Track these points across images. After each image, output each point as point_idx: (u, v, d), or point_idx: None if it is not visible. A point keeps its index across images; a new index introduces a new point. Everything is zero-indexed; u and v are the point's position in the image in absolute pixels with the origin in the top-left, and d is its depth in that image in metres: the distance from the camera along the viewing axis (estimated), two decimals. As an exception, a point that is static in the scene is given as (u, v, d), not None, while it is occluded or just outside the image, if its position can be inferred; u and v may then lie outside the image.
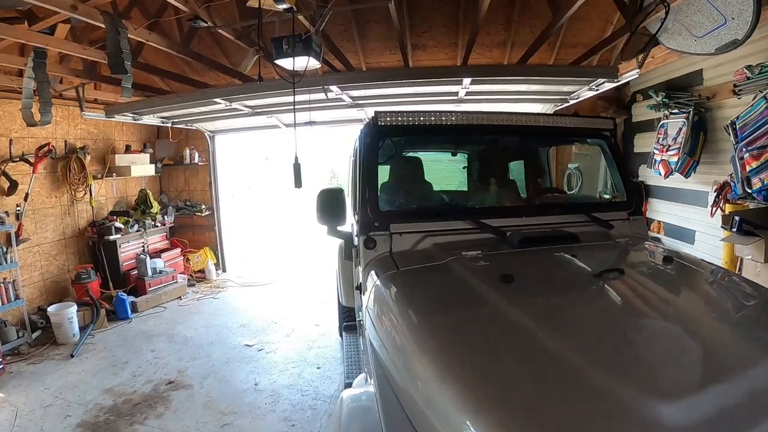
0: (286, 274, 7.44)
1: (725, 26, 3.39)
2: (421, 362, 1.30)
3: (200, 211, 6.69)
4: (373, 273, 2.00)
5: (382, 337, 1.64)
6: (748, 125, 3.80)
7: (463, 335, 1.39)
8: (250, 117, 5.90)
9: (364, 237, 2.16)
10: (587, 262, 2.01)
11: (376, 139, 2.38)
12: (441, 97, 5.34)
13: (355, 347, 3.32)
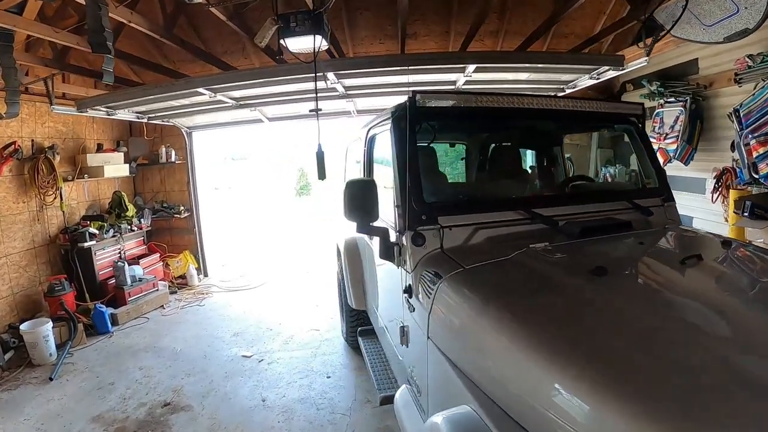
0: (274, 276, 7.11)
1: (737, 15, 3.37)
2: (553, 372, 1.13)
3: (179, 213, 6.26)
4: (430, 273, 1.83)
5: (468, 345, 1.48)
6: (752, 112, 3.82)
7: (591, 335, 1.25)
8: (234, 110, 5.54)
9: (411, 233, 1.96)
10: (661, 249, 2.08)
11: (413, 123, 2.15)
12: (437, 86, 5.17)
13: (377, 354, 3.12)
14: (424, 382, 1.88)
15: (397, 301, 2.29)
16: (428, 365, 1.78)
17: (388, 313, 2.67)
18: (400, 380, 2.44)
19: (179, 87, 4.15)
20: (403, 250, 2.06)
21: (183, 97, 4.58)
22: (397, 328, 2.30)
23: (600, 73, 4.62)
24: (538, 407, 1.12)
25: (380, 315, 2.98)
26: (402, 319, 2.18)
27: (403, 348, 2.20)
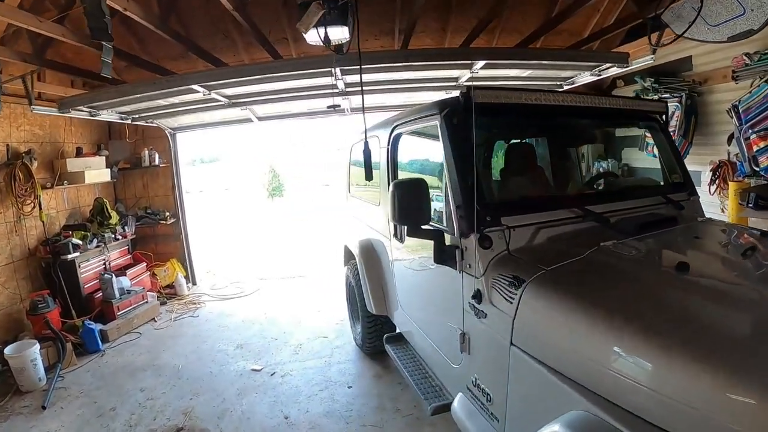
0: (266, 281, 6.86)
1: (743, 17, 3.47)
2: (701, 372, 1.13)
3: (164, 219, 5.91)
4: (506, 277, 1.77)
5: (577, 348, 1.43)
6: (751, 108, 3.96)
7: (715, 332, 1.27)
8: (222, 110, 5.28)
9: (477, 235, 1.89)
10: (718, 242, 2.17)
11: (469, 119, 2.04)
12: (439, 83, 5.09)
13: (412, 361, 3.01)
14: (500, 390, 1.80)
15: (450, 308, 2.20)
16: (509, 372, 1.72)
17: (433, 319, 2.57)
18: (453, 388, 2.35)
19: (174, 83, 3.86)
20: (467, 254, 1.98)
21: (174, 95, 4.30)
22: (450, 336, 2.23)
23: (602, 70, 4.69)
24: (682, 406, 1.12)
25: (416, 321, 2.87)
26: (461, 326, 2.10)
27: (463, 355, 2.12)
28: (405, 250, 2.91)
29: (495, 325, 1.81)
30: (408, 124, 2.83)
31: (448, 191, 2.12)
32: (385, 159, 3.17)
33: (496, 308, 1.80)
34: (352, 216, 4.41)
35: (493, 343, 1.82)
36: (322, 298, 5.77)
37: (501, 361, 1.76)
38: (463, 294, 2.07)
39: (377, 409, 3.20)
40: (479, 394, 2.01)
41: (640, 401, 1.21)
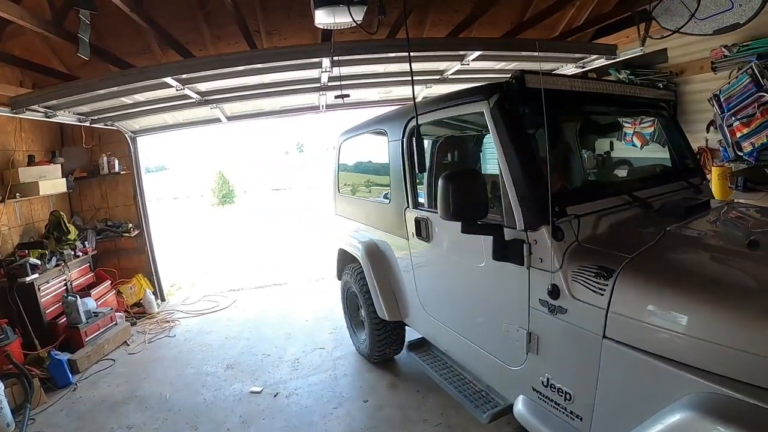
0: (241, 292, 6.45)
1: (730, 11, 3.59)
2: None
3: (128, 232, 5.35)
4: (590, 268, 1.70)
5: (696, 332, 1.39)
6: (733, 97, 4.14)
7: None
8: (188, 110, 4.86)
9: (549, 227, 1.79)
10: (758, 220, 2.30)
11: (521, 105, 2.03)
12: (423, 77, 4.93)
13: (444, 368, 2.87)
14: (585, 387, 1.72)
15: (508, 307, 2.09)
16: (600, 366, 1.64)
17: (478, 321, 2.42)
18: (510, 391, 2.24)
19: (146, 75, 3.37)
20: (536, 248, 1.87)
21: (143, 91, 3.86)
22: (505, 337, 2.12)
23: (587, 62, 4.75)
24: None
25: (450, 325, 2.71)
26: (525, 326, 1.98)
27: (528, 356, 2.01)
28: (432, 249, 2.74)
29: (580, 320, 1.71)
30: (432, 114, 2.67)
31: (506, 182, 1.99)
32: (399, 153, 2.98)
33: (581, 302, 1.70)
34: (345, 217, 4.19)
35: (578, 338, 1.73)
36: (306, 307, 5.48)
37: (588, 356, 1.67)
38: (529, 291, 1.94)
39: (403, 421, 3.00)
40: (552, 393, 1.91)
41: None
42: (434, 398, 3.24)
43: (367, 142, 4.03)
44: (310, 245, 10.94)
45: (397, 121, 3.04)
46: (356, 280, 3.68)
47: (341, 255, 4.14)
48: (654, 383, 1.46)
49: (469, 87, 2.37)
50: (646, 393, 1.49)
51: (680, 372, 1.38)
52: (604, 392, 1.66)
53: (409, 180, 2.93)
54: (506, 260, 1.96)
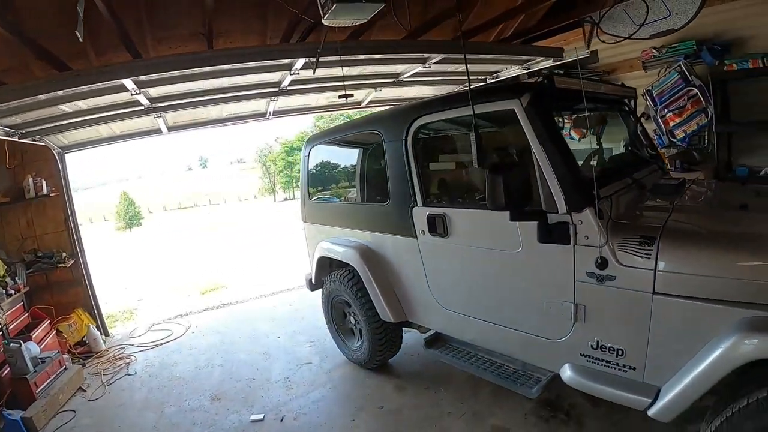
0: (191, 317, 5.95)
1: (667, 18, 4.08)
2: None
3: (63, 262, 4.64)
4: (633, 239, 1.99)
5: (727, 279, 1.75)
6: (664, 92, 4.72)
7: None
8: (129, 120, 4.38)
9: (591, 208, 2.06)
10: (728, 189, 2.97)
11: (552, 102, 2.38)
12: (375, 80, 4.87)
13: (471, 357, 2.93)
14: (636, 340, 2.00)
15: (551, 285, 2.28)
16: (651, 319, 1.93)
17: (513, 305, 2.55)
18: (552, 362, 2.41)
19: (102, 77, 2.88)
20: (582, 228, 2.10)
21: (90, 96, 3.35)
22: (547, 313, 2.31)
23: (532, 64, 5.10)
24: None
25: (476, 314, 2.77)
26: (570, 299, 2.20)
27: (575, 326, 2.22)
28: (450, 244, 2.77)
29: (630, 283, 1.98)
30: (445, 112, 2.71)
31: (545, 172, 2.20)
32: (401, 153, 2.96)
33: (629, 267, 1.98)
34: (320, 224, 4.07)
35: (628, 299, 1.99)
36: (272, 323, 5.23)
37: (639, 312, 1.96)
38: (574, 267, 2.15)
39: (428, 419, 3.00)
40: (603, 353, 2.14)
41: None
42: (447, 391, 3.29)
43: (348, 146, 3.95)
44: (245, 260, 10.47)
45: (397, 122, 3.03)
46: (348, 286, 3.57)
47: (321, 263, 4.00)
48: (702, 322, 1.79)
49: (487, 86, 2.54)
50: (694, 332, 1.81)
51: (725, 307, 1.72)
52: (655, 340, 1.94)
53: (416, 179, 2.93)
54: (551, 242, 2.16)
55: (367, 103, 6.05)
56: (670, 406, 1.84)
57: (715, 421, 1.72)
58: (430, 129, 3.02)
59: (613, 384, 2.09)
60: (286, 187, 51.98)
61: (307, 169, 4.22)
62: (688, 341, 1.82)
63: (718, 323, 1.72)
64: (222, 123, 5.55)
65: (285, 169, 49.92)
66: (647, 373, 2.01)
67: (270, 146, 55.87)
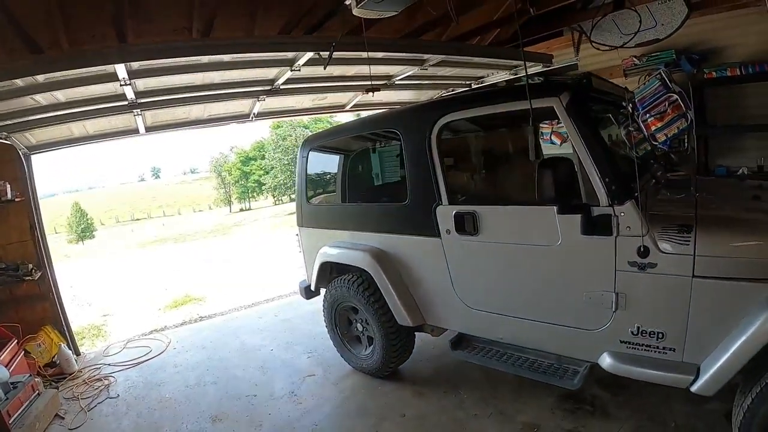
0: (169, 332, 5.57)
1: (653, 29, 4.33)
2: None
3: (29, 274, 4.17)
4: (672, 228, 2.13)
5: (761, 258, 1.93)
6: (646, 98, 4.93)
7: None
8: (105, 118, 4.06)
9: (632, 201, 2.17)
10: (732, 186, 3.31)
11: (589, 101, 2.52)
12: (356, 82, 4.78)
13: (502, 356, 2.91)
14: (676, 322, 2.12)
15: (592, 277, 2.35)
16: (691, 301, 2.05)
17: (551, 299, 2.56)
18: (588, 352, 2.46)
19: (106, 59, 2.61)
20: (623, 219, 2.19)
21: (71, 86, 3.00)
22: (586, 304, 2.37)
23: (519, 69, 5.22)
24: None
25: (509, 311, 2.77)
26: (611, 288, 2.27)
27: (614, 314, 2.29)
28: (480, 242, 2.75)
29: (671, 268, 2.09)
30: (473, 110, 2.70)
31: (586, 167, 2.27)
32: (424, 151, 2.91)
33: (669, 254, 2.09)
34: (321, 228, 3.92)
35: (669, 284, 2.11)
36: (260, 336, 4.99)
37: (680, 295, 2.08)
38: (616, 257, 2.23)
39: (455, 422, 2.94)
40: (644, 338, 2.24)
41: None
42: (468, 393, 3.25)
43: (357, 146, 3.85)
44: (215, 272, 10.03)
45: (419, 120, 3.00)
46: (358, 291, 3.44)
47: (323, 269, 3.84)
48: (737, 300, 1.94)
49: (521, 86, 2.59)
50: (730, 310, 1.95)
51: (756, 285, 1.89)
52: (694, 321, 2.07)
53: (441, 177, 2.89)
54: (594, 234, 2.23)
55: (351, 106, 5.99)
56: (711, 381, 1.97)
57: (754, 389, 1.90)
58: (456, 127, 2.99)
59: (655, 366, 2.19)
60: (242, 198, 51.47)
61: (305, 171, 4.08)
62: (725, 319, 1.97)
63: (751, 300, 1.90)
64: (203, 124, 5.27)
65: (240, 179, 49.41)
66: (686, 352, 2.13)
67: (225, 156, 54.99)
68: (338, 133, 3.93)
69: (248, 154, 51.02)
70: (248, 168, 49.21)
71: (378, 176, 3.64)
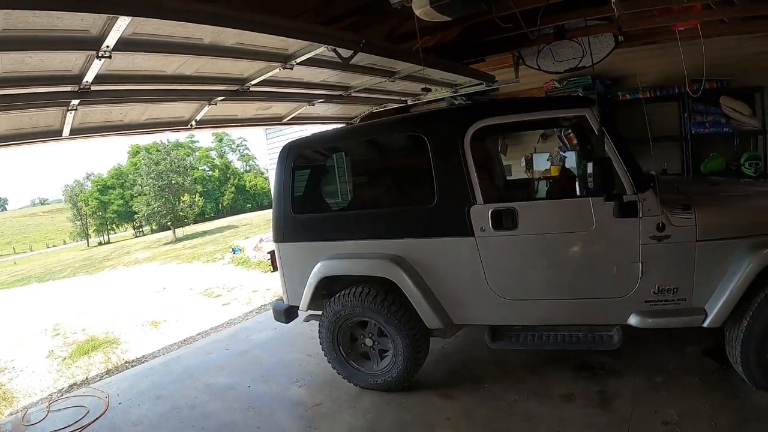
0: (102, 382, 4.60)
1: (584, 58, 5.19)
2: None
3: None
4: (678, 207, 2.75)
5: (746, 219, 2.75)
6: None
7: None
8: (29, 113, 3.26)
9: (651, 190, 2.75)
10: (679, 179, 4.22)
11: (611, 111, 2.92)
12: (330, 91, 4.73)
13: (539, 338, 3.21)
14: (686, 278, 2.74)
15: (621, 252, 2.84)
16: (696, 260, 2.70)
17: (583, 278, 2.97)
18: (617, 316, 2.92)
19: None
20: (646, 204, 2.75)
21: (25, 48, 2.28)
22: (614, 276, 2.87)
23: (460, 87, 5.67)
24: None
25: (544, 295, 3.08)
26: (636, 259, 2.79)
27: (639, 280, 2.81)
28: (518, 236, 3.01)
29: (681, 237, 2.72)
30: (509, 116, 3.01)
31: (616, 165, 2.77)
32: (458, 154, 3.07)
33: (678, 226, 2.71)
34: (316, 241, 3.69)
35: (680, 249, 2.72)
36: (222, 373, 4.35)
37: (688, 256, 2.71)
38: (640, 233, 2.77)
39: (499, 411, 3.07)
40: (663, 295, 2.79)
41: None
42: (492, 385, 3.40)
43: (365, 151, 3.76)
44: (110, 310, 8.57)
45: (451, 124, 3.20)
46: (375, 302, 3.31)
47: (322, 285, 3.60)
48: (727, 254, 2.64)
49: (555, 97, 3.01)
50: (722, 261, 2.65)
51: (745, 239, 2.61)
52: (699, 275, 2.70)
53: (475, 178, 3.06)
54: (625, 216, 2.75)
55: (289, 119, 5.79)
56: (718, 316, 2.63)
57: (747, 315, 2.59)
58: (489, 131, 3.21)
59: (673, 315, 2.78)
60: (100, 230, 46.40)
61: (291, 181, 3.78)
62: (719, 269, 2.66)
63: (734, 252, 2.62)
64: (137, 130, 4.39)
65: (98, 210, 44.72)
66: (694, 299, 2.75)
67: (81, 184, 48.60)
68: (341, 138, 3.85)
69: (107, 182, 46.84)
70: (107, 197, 45.27)
71: (392, 181, 3.62)
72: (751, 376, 2.70)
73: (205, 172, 57.06)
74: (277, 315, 4.02)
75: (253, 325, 5.96)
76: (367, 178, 3.95)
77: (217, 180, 57.78)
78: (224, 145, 63.60)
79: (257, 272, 11.19)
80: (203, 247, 21.50)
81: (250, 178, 61.45)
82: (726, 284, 2.62)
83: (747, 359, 2.65)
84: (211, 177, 57.55)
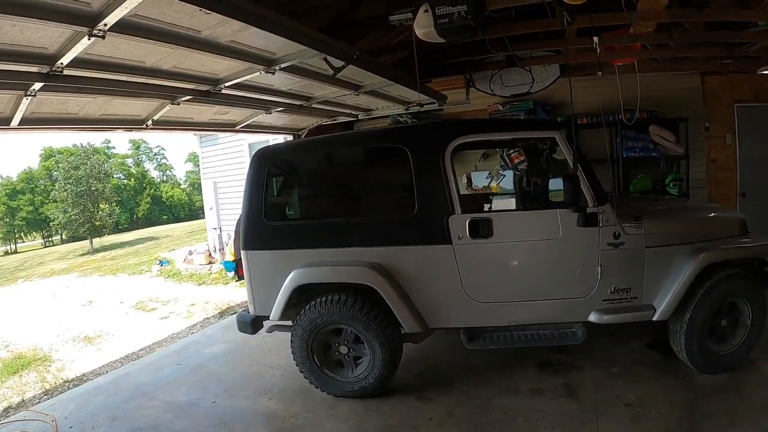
0: (33, 405, 4.19)
1: (529, 84, 5.71)
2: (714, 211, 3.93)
3: None
4: (629, 219, 3.24)
5: (685, 228, 3.41)
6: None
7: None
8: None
9: (610, 204, 3.25)
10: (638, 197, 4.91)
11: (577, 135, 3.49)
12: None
13: (510, 337, 3.47)
14: (637, 279, 3.21)
15: (583, 258, 3.22)
16: (645, 264, 3.18)
17: (550, 282, 3.33)
18: (580, 313, 3.29)
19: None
20: (604, 216, 3.19)
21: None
22: (576, 280, 3.26)
23: (412, 105, 5.91)
24: None
25: (514, 298, 3.37)
26: (596, 263, 3.20)
27: (598, 282, 3.21)
28: (493, 244, 3.29)
29: (632, 244, 3.18)
30: (487, 134, 3.34)
31: (581, 181, 3.15)
32: (438, 167, 3.31)
33: (631, 235, 3.17)
34: (292, 248, 3.64)
35: (632, 254, 3.18)
36: (180, 390, 4.10)
37: (638, 260, 3.18)
38: (599, 241, 3.18)
39: (478, 408, 3.26)
40: (618, 294, 3.23)
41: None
42: (464, 385, 3.60)
43: (345, 160, 3.91)
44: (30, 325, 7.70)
45: (432, 139, 3.45)
46: (353, 309, 3.37)
47: (296, 294, 3.57)
48: (676, 257, 3.15)
49: (530, 120, 3.43)
50: (669, 263, 3.15)
51: (685, 245, 3.17)
52: (648, 276, 3.19)
53: (455, 190, 3.30)
54: (587, 225, 3.15)
55: (242, 126, 5.72)
56: (665, 311, 3.14)
57: (689, 308, 3.13)
58: (465, 147, 3.49)
59: (627, 311, 3.22)
60: (7, 239, 41.36)
61: (263, 187, 3.72)
62: (666, 270, 3.17)
63: (677, 257, 3.15)
64: (89, 125, 4.09)
65: (6, 216, 40.31)
66: (644, 297, 3.22)
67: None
68: (320, 147, 3.90)
69: (16, 186, 42.18)
70: (15, 202, 40.84)
71: (370, 190, 3.74)
72: (694, 362, 3.21)
73: (121, 181, 52.70)
74: (242, 326, 3.87)
75: (203, 339, 5.65)
76: (346, 187, 4.00)
77: (133, 189, 53.61)
78: (141, 153, 59.27)
79: (191, 285, 10.66)
80: (125, 259, 19.94)
81: (167, 189, 57.94)
82: (671, 284, 3.12)
83: (690, 347, 3.16)
84: (127, 186, 53.27)
